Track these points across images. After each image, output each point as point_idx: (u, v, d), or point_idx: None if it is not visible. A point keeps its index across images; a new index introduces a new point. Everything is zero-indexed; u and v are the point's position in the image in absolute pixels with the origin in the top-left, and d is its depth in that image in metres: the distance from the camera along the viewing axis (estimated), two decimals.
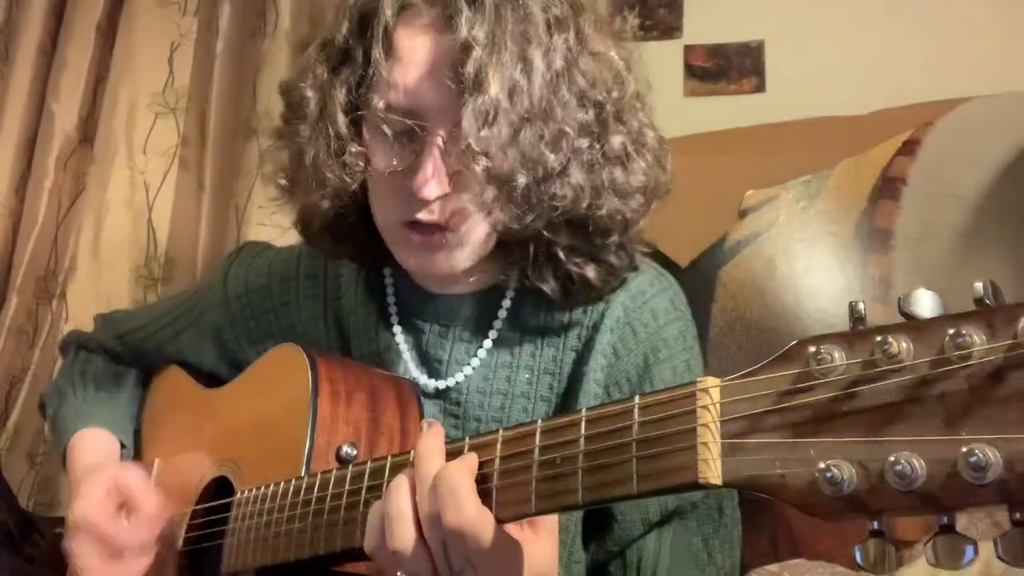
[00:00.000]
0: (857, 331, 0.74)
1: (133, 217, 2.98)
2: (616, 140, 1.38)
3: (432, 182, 1.29)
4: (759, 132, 2.69)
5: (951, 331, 0.69)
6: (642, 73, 1.44)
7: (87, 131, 3.11)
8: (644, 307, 1.48)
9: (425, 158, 1.30)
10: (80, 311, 2.90)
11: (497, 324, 1.51)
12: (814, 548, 2.22)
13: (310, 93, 1.38)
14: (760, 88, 2.87)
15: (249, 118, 2.96)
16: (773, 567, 2.12)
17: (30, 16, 3.13)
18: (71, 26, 3.12)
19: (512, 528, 1.05)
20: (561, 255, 1.41)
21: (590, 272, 1.42)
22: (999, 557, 0.67)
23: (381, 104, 1.31)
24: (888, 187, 2.40)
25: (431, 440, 1.06)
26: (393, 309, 1.56)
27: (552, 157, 1.30)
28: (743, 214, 2.58)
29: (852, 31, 2.78)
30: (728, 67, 2.88)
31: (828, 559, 2.14)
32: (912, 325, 0.72)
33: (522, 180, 1.28)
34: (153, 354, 1.85)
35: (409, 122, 1.31)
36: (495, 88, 1.24)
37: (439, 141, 1.30)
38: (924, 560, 1.70)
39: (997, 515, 1.88)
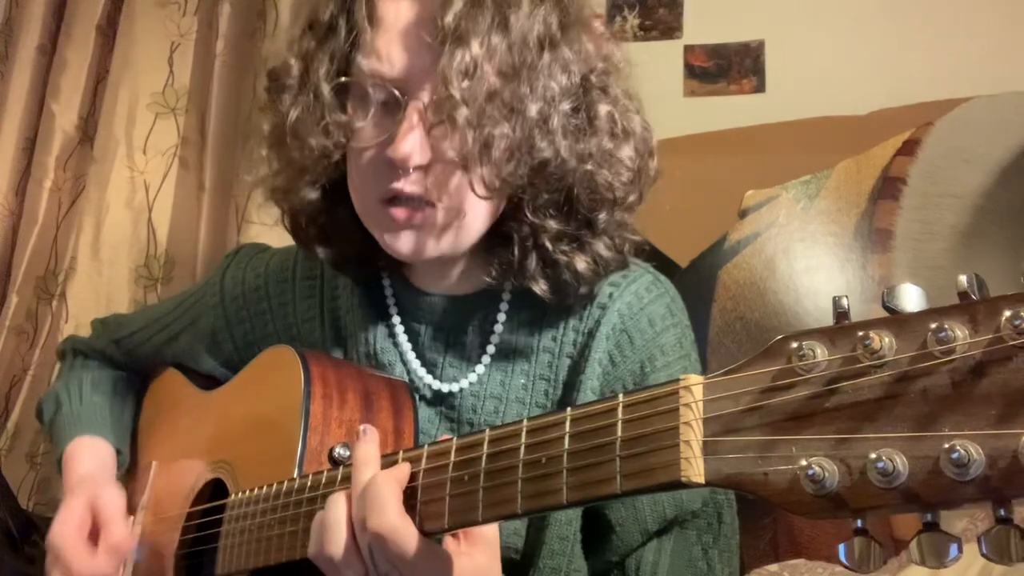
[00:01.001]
0: (839, 327, 0.74)
1: (133, 217, 2.98)
2: (602, 109, 1.37)
3: (413, 145, 1.29)
4: (759, 132, 2.68)
5: (933, 326, 0.68)
6: (632, 65, 1.45)
7: (87, 131, 3.11)
8: (641, 314, 1.47)
9: (406, 124, 1.29)
10: (80, 311, 2.91)
11: (497, 329, 1.49)
12: (814, 548, 2.22)
13: (294, 62, 1.39)
14: (760, 88, 2.85)
15: (249, 118, 2.95)
16: (773, 567, 2.12)
17: (30, 16, 3.15)
18: (71, 26, 3.12)
19: (447, 541, 1.10)
20: (548, 245, 1.39)
21: (579, 263, 1.40)
22: (983, 555, 0.66)
23: (364, 67, 1.32)
24: (888, 187, 2.39)
25: (366, 448, 1.12)
26: (394, 311, 1.55)
27: (533, 108, 1.29)
28: (743, 214, 2.57)
29: (852, 31, 2.77)
30: (728, 67, 2.87)
31: (828, 559, 2.13)
32: (894, 320, 0.71)
33: (504, 130, 1.28)
34: (150, 357, 1.85)
35: (391, 87, 1.31)
36: (475, 43, 1.26)
37: (420, 106, 1.30)
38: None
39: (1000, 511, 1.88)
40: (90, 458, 1.70)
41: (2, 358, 2.97)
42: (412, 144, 1.29)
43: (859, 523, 0.72)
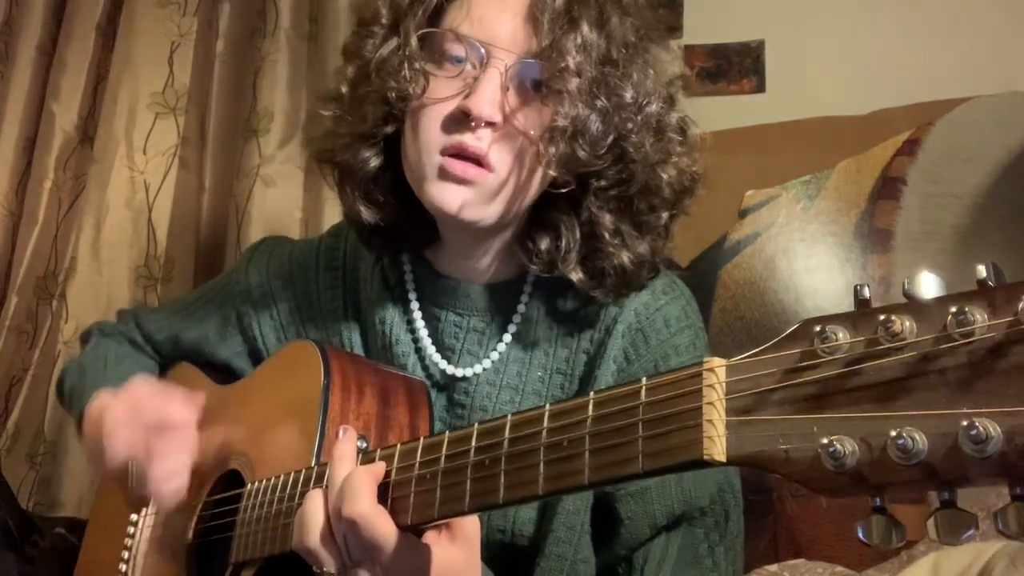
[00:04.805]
0: (861, 311, 0.75)
1: (133, 217, 2.98)
2: (673, 118, 1.44)
3: (492, 99, 1.34)
4: (759, 132, 2.69)
5: (953, 309, 0.70)
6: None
7: (87, 131, 3.11)
8: (657, 314, 1.50)
9: (485, 82, 1.35)
10: (80, 311, 2.91)
11: (515, 320, 1.53)
12: (814, 549, 2.22)
13: (384, 10, 1.45)
14: (760, 88, 2.86)
15: (249, 118, 2.96)
16: (773, 567, 2.12)
17: (30, 16, 3.15)
18: (71, 26, 3.12)
19: (428, 534, 1.14)
20: (606, 236, 1.43)
21: (624, 258, 1.44)
22: (999, 531, 0.67)
23: (454, 24, 1.39)
24: (888, 187, 2.40)
25: (344, 447, 1.19)
26: (413, 295, 1.58)
27: (628, 96, 1.36)
28: (743, 214, 2.58)
29: (852, 31, 2.78)
30: (728, 67, 2.88)
31: (828, 560, 2.14)
32: (915, 305, 0.73)
33: (602, 104, 1.34)
34: (173, 344, 1.87)
35: (478, 47, 1.37)
36: (585, 27, 1.34)
37: (501, 67, 1.36)
38: (924, 561, 1.70)
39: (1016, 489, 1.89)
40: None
41: (2, 358, 2.96)
42: (491, 99, 1.34)
43: (877, 501, 0.74)
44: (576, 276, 1.45)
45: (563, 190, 1.40)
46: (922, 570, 1.75)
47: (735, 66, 2.87)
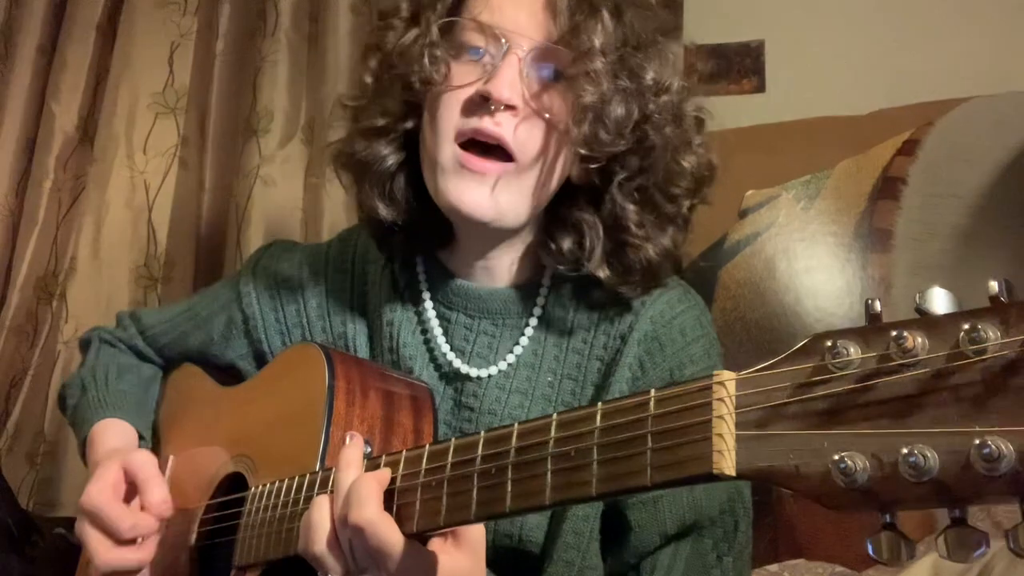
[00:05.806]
0: (873, 326, 0.75)
1: (133, 217, 2.98)
2: (689, 107, 1.46)
3: (512, 82, 1.37)
4: (759, 132, 2.69)
5: (966, 326, 0.70)
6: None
7: (87, 131, 3.11)
8: (672, 323, 1.50)
9: (505, 68, 1.38)
10: (80, 311, 2.91)
11: (530, 324, 1.53)
12: (814, 549, 2.22)
13: (404, 3, 1.49)
14: (760, 88, 2.86)
15: (249, 118, 2.96)
16: (773, 567, 2.12)
17: (30, 16, 3.14)
18: (71, 26, 3.12)
19: (434, 541, 1.14)
20: (632, 227, 1.44)
21: (650, 250, 1.45)
22: (1011, 549, 0.67)
23: (473, 13, 1.42)
24: (888, 187, 2.40)
25: (350, 452, 1.20)
26: (427, 295, 1.59)
27: (649, 78, 1.39)
28: (743, 214, 2.58)
29: (852, 31, 2.78)
30: (728, 67, 2.88)
31: (828, 559, 2.14)
32: (927, 321, 0.72)
33: (625, 84, 1.38)
34: (176, 347, 1.86)
35: (498, 35, 1.39)
36: (605, 14, 1.37)
37: (520, 53, 1.38)
38: (924, 560, 1.70)
39: (998, 515, 1.89)
40: (116, 436, 1.71)
41: (2, 358, 2.96)
42: (510, 82, 1.37)
43: (887, 518, 0.74)
44: (603, 273, 1.46)
45: (587, 182, 1.42)
46: (922, 570, 1.75)
47: (735, 66, 2.87)
